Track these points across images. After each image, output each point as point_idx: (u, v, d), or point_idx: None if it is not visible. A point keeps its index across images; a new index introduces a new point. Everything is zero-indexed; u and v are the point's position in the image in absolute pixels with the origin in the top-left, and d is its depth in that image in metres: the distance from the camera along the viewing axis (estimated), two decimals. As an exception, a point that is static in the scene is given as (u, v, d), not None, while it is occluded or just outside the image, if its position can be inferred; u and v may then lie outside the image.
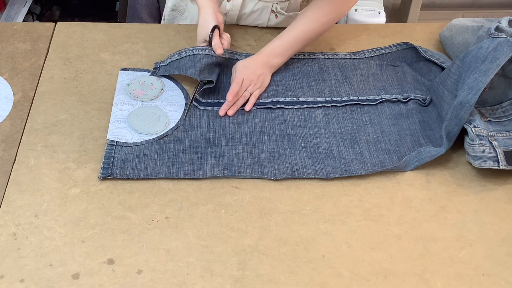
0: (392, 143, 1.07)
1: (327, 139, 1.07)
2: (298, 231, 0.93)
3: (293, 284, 0.86)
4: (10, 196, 0.95)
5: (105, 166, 0.98)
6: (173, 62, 1.15)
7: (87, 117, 1.09)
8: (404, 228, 0.94)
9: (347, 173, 1.01)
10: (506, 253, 0.91)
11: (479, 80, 1.00)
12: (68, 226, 0.91)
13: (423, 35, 1.32)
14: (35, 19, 2.26)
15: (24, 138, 1.04)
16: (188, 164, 1.00)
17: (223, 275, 0.86)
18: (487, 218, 0.96)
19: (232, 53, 1.21)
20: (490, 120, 1.08)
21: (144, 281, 0.85)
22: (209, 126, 1.08)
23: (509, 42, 1.01)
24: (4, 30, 1.27)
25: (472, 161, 1.01)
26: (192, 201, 0.96)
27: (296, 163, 1.02)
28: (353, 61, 1.24)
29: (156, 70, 1.17)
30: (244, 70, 1.14)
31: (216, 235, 0.91)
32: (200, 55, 1.11)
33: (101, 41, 1.26)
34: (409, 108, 1.14)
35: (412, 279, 0.87)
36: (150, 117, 1.08)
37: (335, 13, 1.15)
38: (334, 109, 1.13)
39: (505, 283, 0.87)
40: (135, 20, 1.83)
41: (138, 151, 1.02)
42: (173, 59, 1.15)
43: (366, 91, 1.17)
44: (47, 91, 1.13)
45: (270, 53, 1.16)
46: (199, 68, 1.11)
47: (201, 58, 1.11)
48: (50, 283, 0.84)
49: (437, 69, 1.21)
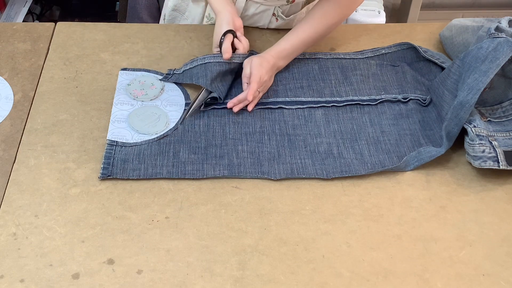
0: (392, 143, 1.07)
1: (327, 139, 1.07)
2: (298, 231, 0.93)
3: (293, 284, 0.86)
4: (10, 196, 0.95)
5: (105, 166, 0.98)
6: (186, 71, 1.15)
7: (87, 117, 1.09)
8: (404, 228, 0.94)
9: (347, 173, 1.01)
10: (506, 253, 0.91)
11: (479, 80, 1.00)
12: (68, 226, 0.91)
13: (423, 35, 1.32)
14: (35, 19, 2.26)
15: (24, 138, 1.04)
16: (188, 164, 1.00)
17: (223, 275, 0.86)
18: (487, 218, 0.96)
19: (245, 57, 1.20)
20: (490, 120, 1.08)
21: (144, 281, 0.85)
22: (209, 126, 1.08)
23: (509, 42, 1.01)
24: (4, 30, 1.27)
25: (472, 161, 1.01)
26: (192, 201, 0.96)
27: (296, 163, 1.02)
28: (353, 61, 1.24)
29: (168, 76, 1.16)
30: (260, 68, 1.12)
31: (216, 235, 0.91)
32: (211, 64, 1.11)
33: (101, 41, 1.26)
34: (409, 108, 1.14)
35: (412, 279, 0.87)
36: (150, 117, 1.08)
37: (341, 15, 1.15)
38: (334, 109, 1.13)
39: (505, 283, 0.87)
40: (135, 20, 1.83)
41: (138, 151, 1.02)
42: (186, 68, 1.15)
43: (366, 91, 1.17)
44: (47, 91, 1.13)
45: (278, 56, 1.15)
46: (210, 77, 1.10)
47: (212, 67, 1.11)
48: (50, 283, 0.84)
49: (437, 69, 1.21)
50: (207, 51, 1.24)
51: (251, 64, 1.12)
